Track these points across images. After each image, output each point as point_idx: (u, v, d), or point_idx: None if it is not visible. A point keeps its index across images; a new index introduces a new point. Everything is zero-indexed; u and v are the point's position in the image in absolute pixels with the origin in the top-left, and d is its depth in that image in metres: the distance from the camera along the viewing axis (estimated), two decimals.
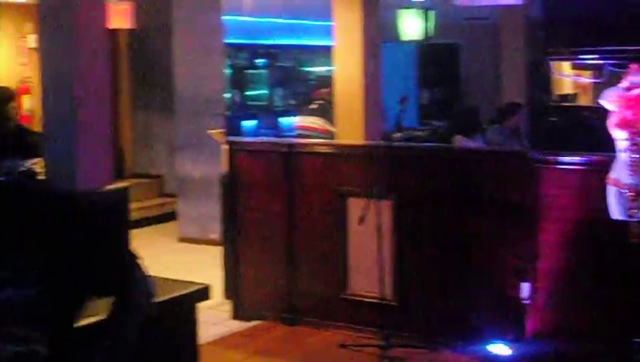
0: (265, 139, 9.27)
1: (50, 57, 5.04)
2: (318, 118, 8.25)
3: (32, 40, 10.70)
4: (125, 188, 5.04)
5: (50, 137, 5.01)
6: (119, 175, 9.93)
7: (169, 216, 9.80)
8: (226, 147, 6.65)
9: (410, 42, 11.49)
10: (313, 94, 9.06)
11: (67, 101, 4.92)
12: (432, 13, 10.74)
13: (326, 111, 8.17)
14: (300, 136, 8.28)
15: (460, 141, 6.81)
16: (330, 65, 14.80)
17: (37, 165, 5.35)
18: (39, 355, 2.23)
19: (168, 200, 10.41)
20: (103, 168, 5.00)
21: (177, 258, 8.39)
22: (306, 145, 6.32)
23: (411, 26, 10.58)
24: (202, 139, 9.05)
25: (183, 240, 9.27)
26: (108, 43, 5.10)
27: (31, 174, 5.35)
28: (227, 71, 8.93)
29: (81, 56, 4.90)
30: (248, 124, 11.73)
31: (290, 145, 6.14)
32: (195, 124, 9.11)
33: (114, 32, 9.65)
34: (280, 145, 6.27)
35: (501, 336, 5.32)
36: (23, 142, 5.45)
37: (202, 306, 4.33)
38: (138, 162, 11.12)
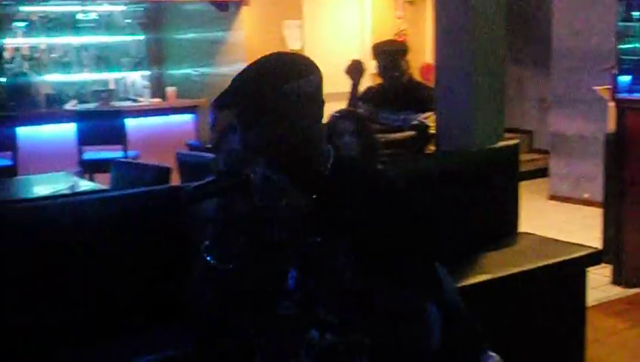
0: None
1: (446, 10, 5.01)
2: None
3: None
4: (516, 145, 4.97)
5: (444, 91, 5.02)
6: None
7: (539, 173, 9.60)
8: (612, 105, 6.33)
9: None
10: None
11: (462, 55, 4.88)
12: None
13: None
14: None
15: None
16: None
17: (429, 119, 5.43)
18: (363, 346, 2.09)
19: (538, 156, 10.22)
20: (495, 123, 4.93)
21: (548, 216, 8.22)
22: None
23: None
24: (578, 95, 8.74)
25: (553, 198, 9.07)
26: None
27: (423, 128, 5.44)
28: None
29: (477, 9, 4.83)
30: (622, 79, 11.15)
31: None
32: (571, 79, 8.81)
33: None
34: None
35: None
36: (415, 95, 5.55)
37: None
38: (509, 116, 11.01)
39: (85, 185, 5.64)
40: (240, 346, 2.18)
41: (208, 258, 2.01)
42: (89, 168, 7.73)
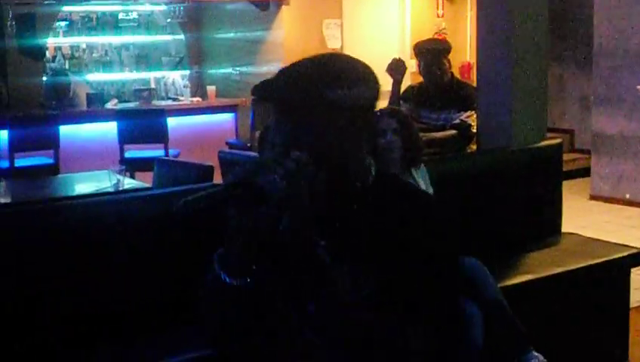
0: None
1: (488, 10, 5.00)
2: None
3: None
4: (559, 144, 4.94)
5: (485, 90, 5.00)
6: None
7: (580, 173, 9.52)
8: None
9: None
10: None
11: (504, 54, 4.87)
12: None
13: None
14: None
15: None
16: None
17: (470, 118, 5.41)
18: None
19: (579, 156, 10.14)
20: (537, 123, 4.91)
21: (589, 216, 8.14)
22: None
23: None
24: (620, 94, 8.65)
25: (594, 198, 8.98)
26: None
27: (464, 127, 5.43)
28: None
29: (518, 9, 4.82)
30: None
31: None
32: (613, 78, 8.73)
33: None
34: None
35: None
36: (457, 94, 5.54)
37: None
38: (550, 116, 10.95)
39: (129, 182, 5.69)
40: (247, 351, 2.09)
41: (217, 266, 1.91)
42: (130, 166, 7.78)
